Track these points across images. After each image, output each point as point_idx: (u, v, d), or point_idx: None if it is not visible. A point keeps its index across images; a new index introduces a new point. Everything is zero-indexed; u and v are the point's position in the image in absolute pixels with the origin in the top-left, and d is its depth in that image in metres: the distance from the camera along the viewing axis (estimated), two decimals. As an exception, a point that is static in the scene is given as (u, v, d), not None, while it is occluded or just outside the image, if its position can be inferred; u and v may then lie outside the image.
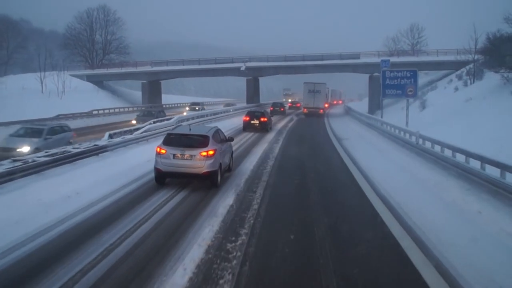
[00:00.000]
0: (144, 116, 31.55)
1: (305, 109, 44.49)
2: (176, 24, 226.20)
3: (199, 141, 10.61)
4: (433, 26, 66.39)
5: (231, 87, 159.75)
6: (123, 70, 55.15)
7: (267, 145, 19.23)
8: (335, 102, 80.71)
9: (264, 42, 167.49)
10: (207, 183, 10.59)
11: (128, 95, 58.55)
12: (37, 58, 48.69)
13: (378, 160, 15.23)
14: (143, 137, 17.14)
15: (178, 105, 58.22)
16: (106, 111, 40.87)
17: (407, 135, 17.54)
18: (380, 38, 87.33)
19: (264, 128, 26.00)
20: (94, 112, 39.12)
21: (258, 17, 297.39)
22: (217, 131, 11.83)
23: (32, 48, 71.56)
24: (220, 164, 10.89)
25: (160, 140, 19.59)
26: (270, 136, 23.93)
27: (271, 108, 42.46)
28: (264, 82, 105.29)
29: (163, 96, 64.59)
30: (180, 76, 57.66)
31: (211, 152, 10.35)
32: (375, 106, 46.55)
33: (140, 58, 61.72)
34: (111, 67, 57.33)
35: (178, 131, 11.74)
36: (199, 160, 10.24)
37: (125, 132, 18.48)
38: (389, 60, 26.36)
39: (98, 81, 56.33)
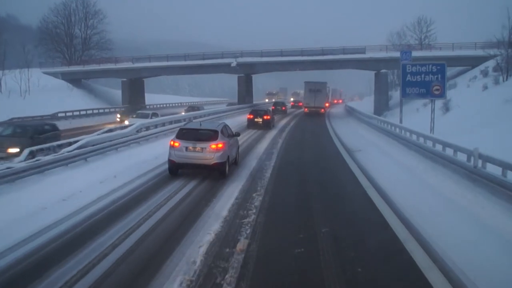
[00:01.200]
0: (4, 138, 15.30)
1: (306, 109, 43.33)
2: (172, 23, 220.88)
3: (209, 135, 11.38)
4: (441, 19, 61.29)
5: (226, 86, 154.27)
6: (101, 66, 49.66)
7: (255, 163, 14.09)
8: (335, 101, 79.83)
9: (260, 37, 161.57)
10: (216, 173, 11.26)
11: (107, 95, 53.18)
12: (12, 55, 43.79)
13: (419, 193, 10.11)
14: (74, 156, 11.90)
15: (166, 105, 53.08)
16: (76, 113, 35.60)
17: (449, 150, 12.52)
18: (383, 33, 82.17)
19: (267, 126, 26.71)
20: (61, 115, 33.82)
21: (257, 12, 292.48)
22: (225, 127, 12.61)
23: (12, 45, 65.89)
24: (228, 156, 11.61)
25: (109, 157, 14.70)
26: (263, 144, 18.88)
27: (273, 107, 41.45)
28: (260, 80, 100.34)
29: (155, 96, 59.74)
30: (164, 74, 52.22)
31: (220, 145, 11.15)
32: (382, 106, 41.74)
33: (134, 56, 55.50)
34: (88, 64, 51.85)
35: (190, 126, 12.68)
36: (209, 152, 11.04)
37: (60, 147, 13.32)
38: (410, 52, 21.22)
39: (75, 79, 50.98)
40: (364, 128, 28.13)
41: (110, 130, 17.27)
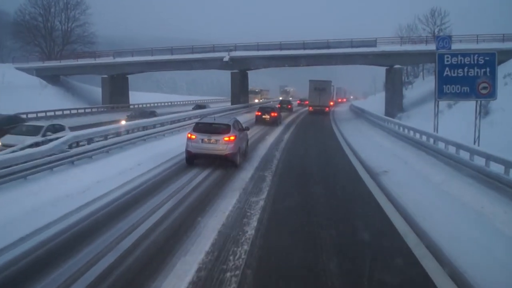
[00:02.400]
0: None
1: (311, 107, 42.96)
2: (168, 20, 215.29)
3: (223, 129, 12.59)
4: (453, 12, 55.96)
5: (225, 84, 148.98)
6: (79, 62, 44.61)
7: (236, 200, 9.11)
8: (339, 100, 78.10)
9: (260, 33, 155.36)
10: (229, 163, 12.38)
11: (89, 93, 48.18)
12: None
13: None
14: None
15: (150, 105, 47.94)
16: (41, 114, 30.58)
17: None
18: (390, 27, 77.16)
19: (275, 122, 27.85)
20: (22, 117, 28.77)
21: (256, 8, 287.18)
22: (236, 121, 13.86)
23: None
24: (239, 148, 12.85)
25: (7, 191, 9.69)
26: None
27: (279, 105, 41.08)
28: (259, 78, 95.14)
29: (145, 94, 55.08)
30: (149, 70, 46.98)
31: (232, 138, 12.35)
32: (394, 107, 36.79)
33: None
34: (66, 59, 46.76)
35: (205, 121, 13.94)
36: (223, 144, 12.23)
37: None
38: (449, 38, 16.20)
39: (53, 76, 45.93)
40: (379, 134, 23.15)
41: (37, 144, 12.27)
